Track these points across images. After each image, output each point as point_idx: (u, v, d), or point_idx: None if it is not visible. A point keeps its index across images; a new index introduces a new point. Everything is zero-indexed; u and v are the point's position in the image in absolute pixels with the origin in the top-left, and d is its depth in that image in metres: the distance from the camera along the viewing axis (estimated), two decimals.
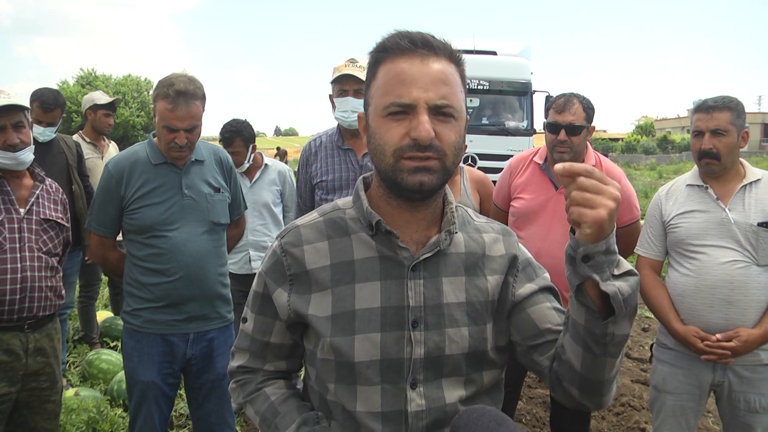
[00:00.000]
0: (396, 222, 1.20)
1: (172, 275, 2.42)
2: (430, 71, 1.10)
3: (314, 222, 1.26)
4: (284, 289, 1.22)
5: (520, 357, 1.27)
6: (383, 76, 1.13)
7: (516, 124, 10.06)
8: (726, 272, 2.30)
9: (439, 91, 1.09)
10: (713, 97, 2.41)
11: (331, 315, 1.17)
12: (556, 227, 2.68)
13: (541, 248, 2.67)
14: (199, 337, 2.53)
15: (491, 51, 10.63)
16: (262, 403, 1.29)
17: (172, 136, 2.39)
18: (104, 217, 2.48)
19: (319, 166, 2.82)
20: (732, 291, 2.29)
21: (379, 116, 1.13)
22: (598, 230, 0.97)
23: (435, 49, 1.11)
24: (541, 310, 1.24)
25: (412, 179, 1.09)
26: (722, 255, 2.32)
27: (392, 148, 1.10)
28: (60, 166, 3.79)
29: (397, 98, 1.09)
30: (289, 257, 1.22)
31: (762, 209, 2.29)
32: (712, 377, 2.40)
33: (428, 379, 1.18)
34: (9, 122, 2.36)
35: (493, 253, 1.27)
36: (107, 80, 49.67)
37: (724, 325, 2.30)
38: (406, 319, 1.17)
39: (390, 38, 1.14)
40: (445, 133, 1.10)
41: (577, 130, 2.65)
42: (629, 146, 46.69)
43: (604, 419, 3.92)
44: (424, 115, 1.07)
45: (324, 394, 1.23)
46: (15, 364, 2.32)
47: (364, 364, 1.15)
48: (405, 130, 1.09)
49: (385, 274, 1.18)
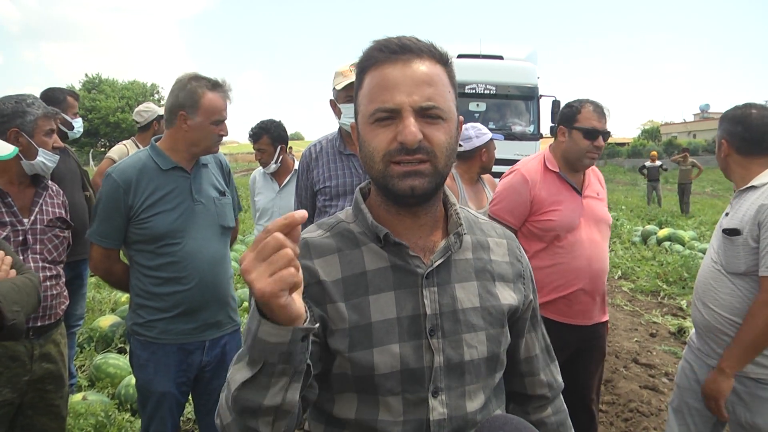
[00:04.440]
0: (399, 229, 1.18)
1: (188, 283, 2.37)
2: (413, 74, 1.09)
3: (322, 237, 1.23)
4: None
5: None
6: (368, 84, 1.13)
7: (523, 128, 10.06)
8: (703, 273, 2.39)
9: (424, 93, 1.08)
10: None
11: (348, 328, 1.14)
12: (593, 231, 2.75)
13: (591, 254, 2.70)
14: (213, 343, 2.50)
15: (498, 55, 10.63)
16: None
17: (219, 129, 2.40)
18: (109, 228, 2.35)
19: (321, 172, 2.80)
20: (704, 293, 2.34)
21: (366, 124, 1.12)
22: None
23: (417, 52, 1.10)
24: (531, 339, 1.36)
25: (402, 184, 1.09)
26: (707, 256, 2.38)
27: (381, 154, 1.09)
28: (74, 173, 3.80)
29: (381, 104, 1.09)
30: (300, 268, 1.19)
31: (742, 216, 2.20)
32: (706, 376, 2.34)
33: (450, 387, 1.16)
34: (54, 126, 2.48)
35: (499, 258, 1.28)
36: (113, 84, 49.95)
37: (704, 324, 2.34)
38: (423, 327, 1.15)
39: (370, 49, 1.13)
40: (433, 135, 1.08)
41: (608, 136, 2.75)
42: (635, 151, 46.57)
43: (613, 425, 3.89)
44: (410, 118, 1.07)
45: (331, 410, 1.20)
46: (19, 370, 2.32)
47: (385, 375, 1.13)
48: (392, 134, 1.08)
49: (399, 284, 1.16)
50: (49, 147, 2.44)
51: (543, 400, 1.39)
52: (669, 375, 4.73)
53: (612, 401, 4.22)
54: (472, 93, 10.08)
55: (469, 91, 10.01)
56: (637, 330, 6.05)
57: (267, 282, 0.84)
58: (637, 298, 7.40)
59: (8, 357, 2.29)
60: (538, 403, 1.39)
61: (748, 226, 2.15)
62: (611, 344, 5.46)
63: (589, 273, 2.69)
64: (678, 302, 7.06)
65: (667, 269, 8.33)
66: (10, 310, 1.82)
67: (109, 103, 47.13)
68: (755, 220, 2.13)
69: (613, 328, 5.96)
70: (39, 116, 2.40)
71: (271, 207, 4.03)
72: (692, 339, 2.48)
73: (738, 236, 2.18)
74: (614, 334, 5.83)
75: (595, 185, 2.86)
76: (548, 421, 1.38)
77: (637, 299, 7.34)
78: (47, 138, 2.44)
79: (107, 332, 4.85)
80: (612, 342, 5.55)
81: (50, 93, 3.82)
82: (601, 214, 2.80)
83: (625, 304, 7.04)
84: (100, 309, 5.85)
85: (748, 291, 2.18)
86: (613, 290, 7.74)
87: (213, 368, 2.53)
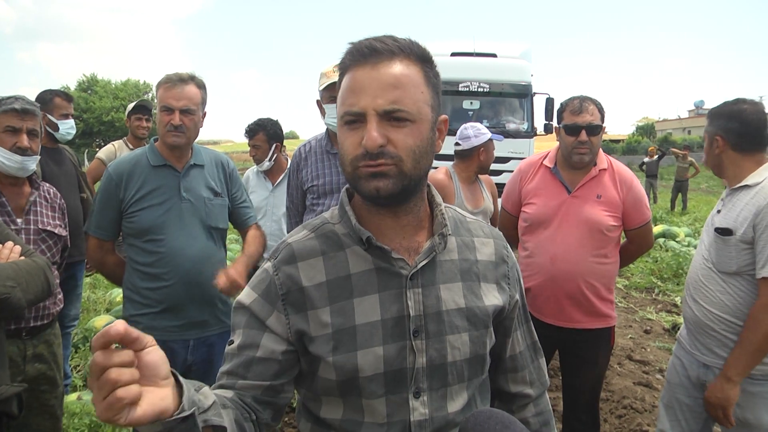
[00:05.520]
0: (382, 229, 1.19)
1: (170, 279, 2.41)
2: (379, 77, 1.08)
3: (306, 238, 1.22)
4: (279, 311, 1.16)
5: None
6: (343, 86, 1.13)
7: (517, 126, 10.05)
8: (694, 269, 2.37)
9: (388, 96, 1.06)
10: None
11: (331, 333, 1.14)
12: (571, 231, 2.68)
13: (556, 253, 2.68)
14: (199, 343, 2.51)
15: (491, 53, 10.61)
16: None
17: (168, 118, 2.41)
18: (103, 220, 2.47)
19: (310, 171, 2.85)
20: (695, 290, 2.34)
21: (340, 126, 1.13)
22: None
23: (387, 54, 1.09)
24: (517, 337, 1.37)
25: (368, 185, 1.09)
26: (698, 253, 2.38)
27: (349, 158, 1.10)
28: (71, 174, 3.79)
29: (349, 107, 1.09)
30: (282, 275, 1.18)
31: (736, 216, 2.20)
32: (697, 373, 2.36)
33: (433, 387, 1.17)
34: (25, 126, 2.38)
35: (485, 258, 1.28)
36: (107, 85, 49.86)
37: (695, 321, 2.34)
38: (406, 329, 1.16)
39: (345, 51, 1.14)
40: (399, 139, 1.07)
41: (596, 130, 2.65)
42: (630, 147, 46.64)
43: (607, 422, 3.91)
44: (372, 122, 1.06)
45: (318, 412, 1.21)
46: (12, 371, 2.31)
47: (369, 378, 1.14)
48: (359, 138, 1.08)
49: (384, 286, 1.17)
50: (7, 146, 2.36)
51: (526, 399, 1.40)
52: (663, 371, 4.74)
53: (606, 398, 4.24)
54: (465, 91, 10.07)
55: (462, 89, 10.00)
56: (632, 327, 6.07)
57: (101, 409, 0.78)
58: (631, 294, 7.43)
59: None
60: (522, 402, 1.40)
61: (743, 227, 2.14)
62: None
63: (550, 272, 2.67)
64: (672, 299, 7.09)
65: (662, 266, 8.35)
66: (3, 284, 1.82)
67: (103, 104, 47.03)
68: (751, 222, 2.11)
69: None
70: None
71: (265, 206, 4.04)
72: (682, 335, 2.49)
73: (731, 236, 2.18)
74: None
75: (604, 189, 2.70)
76: (532, 420, 1.39)
77: (631, 296, 7.37)
78: (6, 136, 2.37)
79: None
80: None
81: (40, 94, 3.81)
82: (590, 217, 2.66)
83: (619, 301, 7.06)
84: (95, 309, 5.85)
85: (739, 289, 2.18)
86: None
87: (200, 368, 2.54)
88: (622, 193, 2.70)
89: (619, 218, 2.70)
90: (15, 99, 2.39)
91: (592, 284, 2.67)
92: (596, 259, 2.67)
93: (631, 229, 2.76)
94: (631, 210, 2.71)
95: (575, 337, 2.72)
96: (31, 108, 2.41)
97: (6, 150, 2.36)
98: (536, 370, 1.42)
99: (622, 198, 2.70)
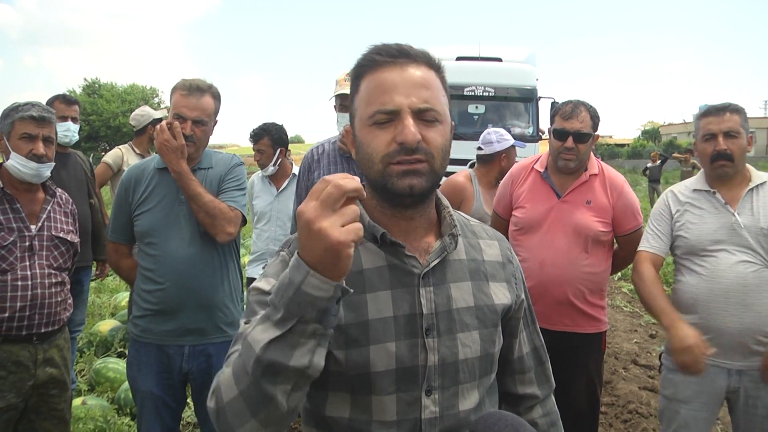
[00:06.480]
0: (393, 231, 1.20)
1: (163, 282, 2.39)
2: (411, 77, 1.12)
3: None
4: None
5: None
6: (365, 87, 1.15)
7: (522, 130, 10.05)
8: (739, 275, 2.27)
9: (422, 95, 1.11)
10: (718, 103, 2.41)
11: (344, 326, 1.14)
12: (559, 236, 2.67)
13: (545, 258, 2.67)
14: (195, 351, 2.44)
15: (496, 57, 10.62)
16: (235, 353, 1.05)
17: (180, 123, 2.41)
18: (117, 224, 2.52)
19: (322, 173, 2.82)
20: (746, 294, 2.25)
21: (364, 126, 1.14)
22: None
23: (413, 57, 1.14)
24: (523, 338, 1.38)
25: (401, 183, 1.11)
26: (734, 259, 2.30)
27: (380, 155, 1.11)
28: (79, 179, 3.81)
29: (381, 106, 1.11)
30: None
31: None
32: (727, 383, 2.33)
33: (444, 386, 1.18)
34: (41, 133, 2.41)
35: (491, 258, 1.31)
36: (112, 89, 50.01)
37: (739, 329, 2.25)
38: (418, 326, 1.17)
39: (368, 53, 1.16)
40: (431, 137, 1.11)
41: (584, 138, 2.64)
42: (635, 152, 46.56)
43: (612, 426, 3.90)
44: (409, 119, 1.09)
45: (323, 411, 1.20)
46: (24, 375, 2.34)
47: (380, 374, 1.14)
48: (391, 136, 1.10)
49: (396, 283, 1.18)
50: (23, 152, 2.38)
51: (534, 400, 1.40)
52: None
53: (611, 402, 4.23)
54: (471, 95, 10.07)
55: (468, 93, 10.01)
56: (637, 331, 6.06)
57: (341, 232, 0.87)
58: (636, 299, 7.40)
59: (12, 362, 2.31)
60: (529, 403, 1.40)
61: None
62: (611, 345, 5.46)
63: (538, 276, 2.66)
64: None
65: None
66: None
67: (111, 107, 47.13)
68: None
69: (612, 329, 5.96)
70: (16, 119, 2.38)
71: (269, 211, 4.04)
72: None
73: None
74: (614, 336, 5.84)
75: (594, 194, 2.69)
76: (540, 421, 1.40)
77: (636, 300, 7.34)
78: (23, 143, 2.38)
79: (107, 336, 4.87)
80: (612, 343, 5.56)
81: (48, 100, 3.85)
82: (579, 223, 2.65)
83: (624, 306, 7.05)
84: (99, 313, 5.87)
85: None
86: (613, 291, 7.75)
87: (198, 378, 2.47)
88: (612, 199, 2.70)
89: (609, 224, 2.69)
90: (32, 106, 2.41)
91: (581, 289, 2.66)
92: (585, 265, 2.66)
93: (622, 235, 2.75)
94: (621, 216, 2.70)
95: (565, 342, 2.66)
96: (48, 115, 2.43)
97: (22, 156, 2.38)
98: (543, 371, 1.43)
99: (612, 204, 2.69)
